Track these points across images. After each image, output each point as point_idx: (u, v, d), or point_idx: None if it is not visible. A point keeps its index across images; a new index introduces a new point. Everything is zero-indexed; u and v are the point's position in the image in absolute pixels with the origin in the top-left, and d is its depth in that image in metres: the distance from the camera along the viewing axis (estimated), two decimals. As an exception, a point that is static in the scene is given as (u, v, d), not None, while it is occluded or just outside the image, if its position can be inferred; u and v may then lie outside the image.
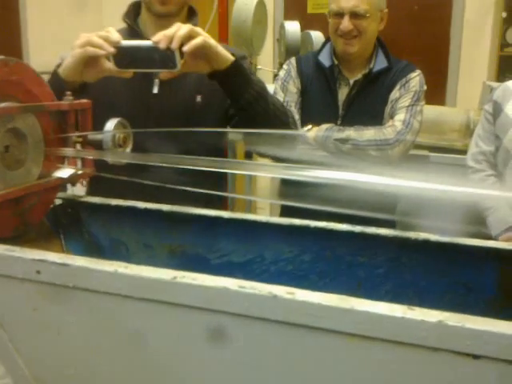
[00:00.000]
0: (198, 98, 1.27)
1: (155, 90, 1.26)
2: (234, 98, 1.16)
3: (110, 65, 1.06)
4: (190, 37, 1.03)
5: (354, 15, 1.54)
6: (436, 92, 1.66)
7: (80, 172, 0.97)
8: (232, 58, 1.11)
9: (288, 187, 0.95)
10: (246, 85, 1.13)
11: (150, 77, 1.26)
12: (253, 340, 0.69)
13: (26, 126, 0.89)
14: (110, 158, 0.92)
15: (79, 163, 0.99)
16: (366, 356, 0.65)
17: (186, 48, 1.02)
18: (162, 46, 1.00)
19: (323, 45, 1.75)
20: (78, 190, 1.10)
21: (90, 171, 0.99)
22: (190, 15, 1.33)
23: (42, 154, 0.93)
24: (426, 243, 0.90)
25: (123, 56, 1.05)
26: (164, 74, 1.08)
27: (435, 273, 0.93)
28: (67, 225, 1.04)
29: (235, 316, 0.68)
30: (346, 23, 1.55)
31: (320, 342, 0.66)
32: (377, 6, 1.58)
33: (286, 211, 1.64)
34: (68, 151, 0.93)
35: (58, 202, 1.04)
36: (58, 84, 1.07)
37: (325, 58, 1.71)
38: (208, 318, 0.69)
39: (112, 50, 1.03)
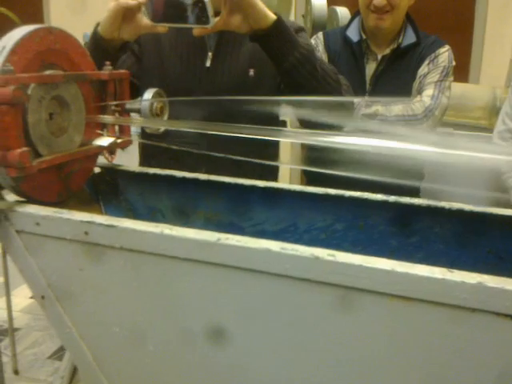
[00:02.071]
0: (251, 72, 1.22)
1: (207, 64, 1.23)
2: (278, 61, 1.09)
3: (146, 21, 1.03)
4: None
5: (388, -10, 1.54)
6: (459, 69, 1.65)
7: (119, 140, 1.00)
8: (273, 17, 1.03)
9: (315, 153, 0.95)
10: (291, 47, 1.06)
11: (204, 49, 1.24)
12: (294, 301, 0.71)
13: (68, 94, 0.91)
14: (149, 125, 0.94)
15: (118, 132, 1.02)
16: (406, 317, 0.67)
17: None
18: None
19: (351, 20, 1.74)
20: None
21: (128, 140, 1.01)
22: None
23: (84, 122, 0.96)
24: (459, 213, 0.92)
25: (157, 10, 1.01)
26: (197, 30, 1.02)
27: (467, 242, 0.94)
28: (106, 192, 1.07)
29: (277, 276, 0.70)
30: (380, -2, 1.54)
31: (360, 303, 0.68)
32: (409, -18, 1.57)
33: (310, 179, 1.66)
34: (109, 118, 0.96)
35: (96, 170, 1.06)
36: (98, 44, 1.07)
37: (353, 33, 1.70)
38: (250, 278, 0.72)
39: (140, 2, 1.00)
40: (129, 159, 1.18)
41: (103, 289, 0.81)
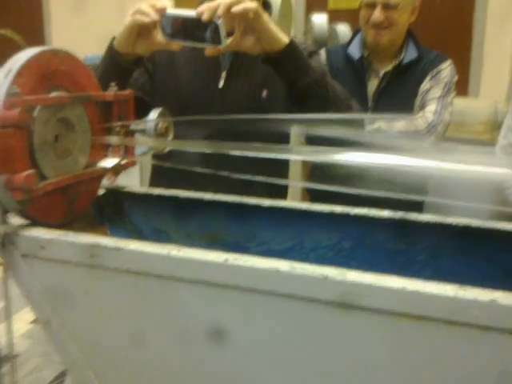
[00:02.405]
0: (264, 93, 1.22)
1: (221, 84, 1.23)
2: (289, 85, 1.09)
3: (160, 37, 1.03)
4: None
5: (386, 6, 1.55)
6: (459, 84, 1.66)
7: (124, 162, 0.99)
8: (286, 40, 1.03)
9: (319, 171, 0.95)
10: (303, 71, 1.06)
11: (218, 69, 1.24)
12: (303, 321, 0.70)
13: (74, 115, 0.92)
14: (155, 145, 0.94)
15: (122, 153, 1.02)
16: (417, 336, 0.66)
17: (233, 9, 0.95)
18: (205, 17, 0.94)
19: (352, 37, 1.76)
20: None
21: (133, 161, 1.01)
22: (264, 8, 1.23)
23: (89, 143, 0.96)
24: (467, 228, 0.91)
25: (171, 27, 1.01)
26: (209, 50, 1.02)
27: (475, 259, 0.93)
28: (110, 214, 1.06)
29: (286, 297, 0.69)
30: (378, 14, 1.55)
31: (372, 322, 0.67)
32: (409, -1, 1.59)
33: (314, 196, 1.66)
34: (114, 139, 0.96)
35: (101, 191, 1.06)
36: (113, 58, 1.08)
37: (354, 50, 1.71)
38: (260, 299, 0.71)
39: (157, 17, 0.99)
40: (130, 179, 1.18)
41: (110, 313, 0.80)
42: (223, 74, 1.24)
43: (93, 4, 4.27)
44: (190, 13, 0.98)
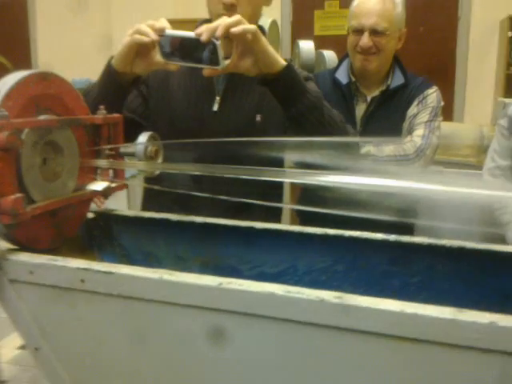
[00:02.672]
0: (258, 118, 1.23)
1: (215, 108, 1.24)
2: (286, 107, 1.09)
3: (159, 57, 1.03)
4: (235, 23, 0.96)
5: (374, 32, 1.57)
6: (443, 109, 1.69)
7: (114, 185, 0.98)
8: (283, 63, 1.04)
9: (309, 193, 0.94)
10: (300, 93, 1.07)
11: (212, 93, 1.25)
12: (301, 344, 0.69)
13: (62, 139, 0.90)
14: (144, 169, 0.93)
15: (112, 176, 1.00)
16: (415, 360, 0.65)
17: (232, 30, 0.95)
18: (203, 38, 0.95)
19: (340, 62, 1.78)
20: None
21: (122, 184, 1.00)
22: None
23: (78, 166, 0.94)
24: (461, 250, 0.91)
25: (169, 47, 1.01)
26: (207, 71, 1.01)
27: (471, 280, 0.92)
28: (100, 238, 1.04)
29: (282, 321, 0.68)
30: (366, 40, 1.57)
31: (370, 346, 0.66)
32: (396, 25, 1.61)
33: (303, 218, 1.65)
34: (104, 162, 0.94)
35: (90, 215, 1.04)
36: (111, 76, 1.07)
37: (342, 76, 1.73)
38: (255, 323, 0.69)
39: (156, 37, 0.99)
40: (117, 203, 1.16)
41: (101, 339, 0.77)
42: (217, 98, 1.25)
43: (81, 19, 4.30)
44: (188, 33, 0.99)
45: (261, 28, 1.27)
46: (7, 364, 2.28)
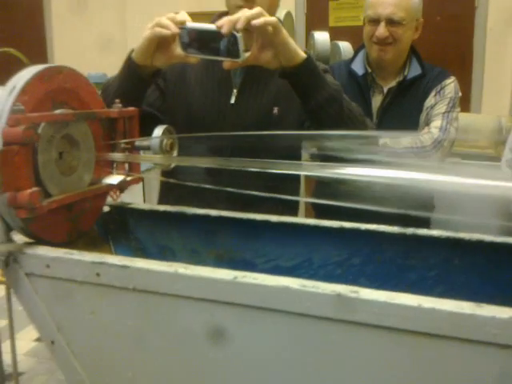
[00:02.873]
0: (275, 110, 1.23)
1: (232, 101, 1.24)
2: (305, 99, 1.09)
3: (179, 50, 1.03)
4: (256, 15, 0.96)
5: (391, 22, 1.54)
6: (461, 100, 1.66)
7: (129, 178, 0.98)
8: (303, 55, 1.03)
9: (324, 186, 0.94)
10: (319, 85, 1.06)
11: (229, 86, 1.25)
12: (317, 339, 0.68)
13: (78, 132, 0.91)
14: (159, 162, 0.93)
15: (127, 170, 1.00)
16: (433, 355, 0.64)
17: (254, 22, 0.95)
18: (224, 30, 0.94)
19: (356, 53, 1.75)
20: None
21: (138, 177, 1.00)
22: None
23: (94, 160, 0.94)
24: (479, 244, 0.89)
25: (190, 40, 1.01)
26: (227, 63, 1.01)
27: (488, 274, 0.91)
28: (115, 231, 1.05)
29: (297, 316, 0.67)
30: (382, 30, 1.54)
31: (386, 341, 0.65)
32: (413, 15, 1.58)
33: (319, 212, 1.64)
34: (119, 156, 0.94)
35: (105, 208, 1.05)
36: (132, 69, 1.07)
37: (358, 67, 1.71)
38: (269, 318, 0.69)
39: (176, 30, 0.99)
40: (133, 196, 1.17)
41: (116, 332, 0.78)
42: (235, 91, 1.25)
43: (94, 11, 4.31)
44: (209, 26, 0.99)
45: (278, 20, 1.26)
46: (24, 356, 2.31)
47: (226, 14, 1.29)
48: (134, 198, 1.22)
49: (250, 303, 0.69)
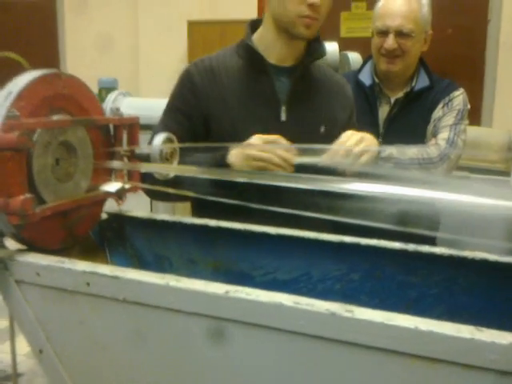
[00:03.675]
0: (322, 129, 1.26)
1: (283, 118, 1.24)
2: None
3: None
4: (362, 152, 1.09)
5: (399, 34, 1.52)
6: (471, 113, 1.63)
7: (127, 186, 0.97)
8: None
9: (326, 200, 0.92)
10: None
11: (276, 102, 1.24)
12: (309, 359, 0.66)
13: (76, 139, 0.89)
14: (158, 171, 0.91)
15: (126, 178, 0.99)
16: (430, 380, 0.62)
17: (362, 160, 1.08)
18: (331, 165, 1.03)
19: (363, 64, 1.73)
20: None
21: (136, 185, 0.98)
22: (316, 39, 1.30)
23: (91, 167, 0.93)
24: (484, 263, 0.87)
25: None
26: None
27: (492, 294, 0.89)
28: (112, 239, 1.03)
29: (290, 334, 0.65)
30: (391, 42, 1.52)
31: (381, 363, 0.63)
32: (422, 27, 1.56)
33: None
34: (118, 164, 0.93)
35: (103, 216, 1.03)
36: (221, 165, 1.10)
37: (365, 77, 1.69)
38: (261, 335, 0.67)
39: (292, 170, 1.06)
40: (138, 204, 1.15)
41: (104, 344, 0.76)
42: (283, 108, 1.24)
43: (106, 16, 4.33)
44: (315, 160, 1.06)
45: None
46: (24, 357, 2.30)
47: (258, 21, 1.27)
48: (141, 205, 1.21)
49: (242, 319, 0.67)
